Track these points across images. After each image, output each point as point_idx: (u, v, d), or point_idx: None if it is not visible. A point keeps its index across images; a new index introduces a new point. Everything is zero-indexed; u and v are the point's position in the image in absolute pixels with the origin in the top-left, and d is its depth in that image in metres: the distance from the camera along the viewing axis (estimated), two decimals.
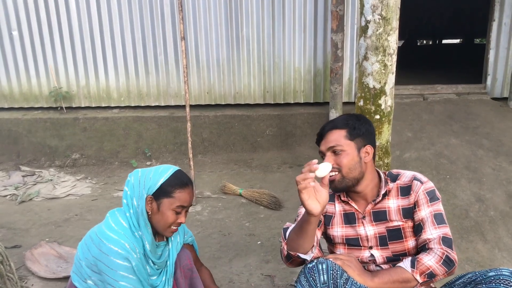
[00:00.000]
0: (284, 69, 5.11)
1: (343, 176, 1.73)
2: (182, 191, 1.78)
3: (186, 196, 1.79)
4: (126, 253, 1.70)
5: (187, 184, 1.80)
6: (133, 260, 1.73)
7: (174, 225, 1.80)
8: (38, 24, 5.18)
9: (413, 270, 1.61)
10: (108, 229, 1.75)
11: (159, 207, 1.77)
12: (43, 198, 4.26)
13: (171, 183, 1.77)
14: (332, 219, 1.87)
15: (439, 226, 1.68)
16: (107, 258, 1.69)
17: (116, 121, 5.13)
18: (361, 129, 1.77)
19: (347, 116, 1.82)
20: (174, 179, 1.79)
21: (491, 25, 4.97)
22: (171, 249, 1.95)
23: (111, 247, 1.69)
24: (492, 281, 1.45)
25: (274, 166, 4.79)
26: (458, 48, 14.23)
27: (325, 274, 1.54)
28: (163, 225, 1.79)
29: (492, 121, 4.45)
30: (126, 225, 1.78)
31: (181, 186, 1.78)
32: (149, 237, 1.80)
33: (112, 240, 1.71)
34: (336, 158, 1.73)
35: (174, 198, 1.76)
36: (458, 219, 3.22)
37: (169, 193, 1.76)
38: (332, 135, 1.76)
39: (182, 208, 1.78)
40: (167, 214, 1.76)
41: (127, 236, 1.74)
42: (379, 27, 2.41)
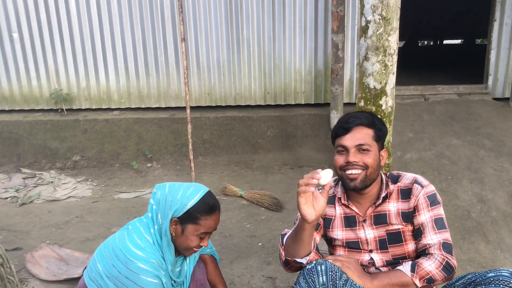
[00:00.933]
0: (284, 70, 5.10)
1: (366, 175, 1.71)
2: (208, 217, 1.73)
3: (212, 223, 1.75)
4: (155, 271, 1.67)
5: (214, 210, 1.75)
6: (162, 277, 1.70)
7: (196, 247, 1.77)
8: (38, 26, 5.18)
9: (412, 274, 1.60)
10: (134, 245, 1.70)
11: (183, 231, 1.73)
12: (44, 200, 4.26)
13: (198, 209, 1.72)
14: (332, 222, 1.85)
15: (440, 231, 1.68)
16: (137, 277, 1.65)
17: (116, 123, 5.12)
18: (384, 131, 1.77)
19: (371, 115, 1.79)
20: (202, 204, 1.73)
21: (492, 25, 4.96)
22: (188, 264, 1.93)
23: (140, 266, 1.65)
24: (492, 282, 1.45)
25: (275, 167, 4.78)
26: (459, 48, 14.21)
27: (324, 276, 1.54)
28: (185, 247, 1.76)
29: (494, 121, 4.44)
30: (151, 241, 1.74)
31: (208, 213, 1.73)
32: (171, 257, 1.76)
33: (140, 259, 1.66)
34: (362, 156, 1.70)
35: (199, 225, 1.72)
36: (460, 220, 3.21)
37: (195, 219, 1.72)
38: (360, 132, 1.71)
39: (206, 234, 1.75)
40: (191, 239, 1.73)
41: (154, 254, 1.71)
42: (380, 27, 2.41)
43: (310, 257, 1.67)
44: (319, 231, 1.86)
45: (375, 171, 1.72)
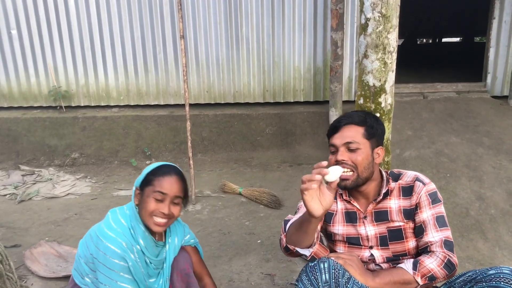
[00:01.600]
0: (283, 67, 5.10)
1: (357, 175, 1.70)
2: (162, 178, 1.77)
3: (165, 184, 1.77)
4: (122, 252, 1.71)
5: (169, 173, 1.80)
6: (130, 260, 1.73)
7: (157, 215, 1.77)
8: (37, 23, 5.17)
9: (414, 272, 1.61)
10: (107, 227, 1.76)
11: (142, 196, 1.79)
12: (43, 197, 4.25)
13: (154, 172, 1.80)
14: (334, 217, 1.85)
15: (441, 229, 1.68)
16: (103, 257, 1.70)
17: (115, 120, 5.12)
18: (377, 129, 1.75)
19: (364, 113, 1.79)
20: (158, 169, 1.82)
21: (491, 23, 4.96)
22: (168, 251, 1.93)
23: (108, 246, 1.70)
24: (493, 279, 1.45)
25: (274, 165, 4.78)
26: (458, 46, 14.22)
27: (327, 273, 1.54)
28: (145, 214, 1.77)
29: (493, 119, 4.44)
30: (125, 224, 1.79)
31: (162, 174, 1.79)
32: (140, 231, 1.80)
33: (110, 239, 1.72)
34: (350, 155, 1.69)
35: (153, 185, 1.76)
36: (458, 217, 3.22)
37: (150, 181, 1.78)
38: (349, 130, 1.71)
39: (161, 194, 1.76)
40: (148, 201, 1.76)
41: (125, 235, 1.75)
42: (379, 24, 2.40)
43: (314, 249, 1.65)
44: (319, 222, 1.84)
45: (367, 170, 1.71)
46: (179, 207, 1.83)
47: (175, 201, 1.80)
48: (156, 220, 1.77)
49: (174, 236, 1.97)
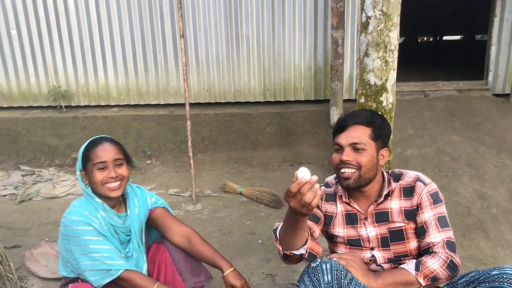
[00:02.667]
0: (284, 66, 5.08)
1: (360, 175, 1.69)
2: (95, 150, 1.86)
3: (100, 152, 1.85)
4: (85, 219, 1.83)
5: (99, 142, 1.88)
6: (94, 223, 1.84)
7: (107, 181, 1.86)
8: (36, 23, 5.15)
9: (417, 273, 1.60)
10: (72, 206, 1.90)
11: (88, 175, 1.88)
12: (43, 198, 4.24)
13: (87, 148, 1.89)
14: (333, 219, 1.84)
15: (443, 230, 1.67)
16: (71, 229, 1.81)
17: (115, 119, 5.10)
18: (384, 130, 1.73)
19: (371, 113, 1.76)
20: (89, 144, 1.90)
21: (493, 20, 4.94)
22: (130, 218, 2.00)
23: (72, 218, 1.83)
24: (496, 280, 1.44)
25: (274, 164, 4.77)
26: (459, 44, 14.19)
27: (329, 274, 1.52)
28: (97, 186, 1.87)
29: (494, 117, 4.42)
30: (85, 200, 1.92)
31: (94, 146, 1.87)
32: (98, 204, 1.89)
33: (73, 213, 1.85)
34: (356, 155, 1.68)
35: (92, 160, 1.86)
36: (460, 216, 3.20)
37: (87, 158, 1.87)
38: (356, 130, 1.69)
39: (102, 163, 1.85)
40: (93, 175, 1.85)
41: (85, 205, 1.88)
42: (380, 23, 2.39)
43: (308, 245, 1.65)
44: (319, 225, 1.84)
45: (370, 171, 1.70)
46: (124, 167, 1.92)
47: (117, 163, 1.89)
48: (109, 186, 1.87)
49: (133, 204, 2.03)
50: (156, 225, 2.11)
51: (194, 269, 2.06)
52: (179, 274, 1.99)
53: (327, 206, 1.87)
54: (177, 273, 1.99)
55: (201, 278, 2.08)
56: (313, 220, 1.84)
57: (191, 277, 2.03)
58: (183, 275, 2.00)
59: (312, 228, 1.82)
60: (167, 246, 2.05)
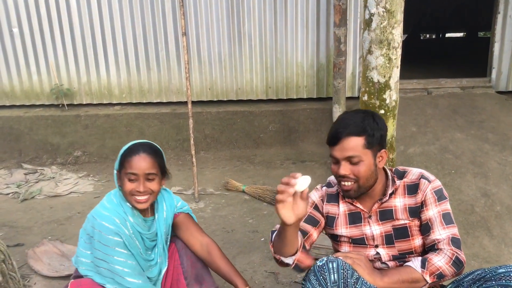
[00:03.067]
0: (286, 64, 5.06)
1: (359, 186, 1.68)
2: (130, 159, 1.82)
3: (134, 163, 1.81)
4: (116, 228, 1.79)
5: (137, 151, 1.83)
6: (124, 235, 1.81)
7: (134, 194, 1.83)
8: (38, 21, 5.15)
9: (423, 270, 1.59)
10: (101, 207, 1.86)
11: (121, 178, 1.85)
12: (45, 196, 4.24)
13: (125, 153, 1.85)
14: (336, 220, 1.83)
15: (448, 227, 1.66)
16: (99, 234, 1.79)
17: (117, 118, 5.10)
18: (378, 134, 1.67)
19: (362, 117, 1.67)
20: (128, 150, 1.86)
21: (496, 17, 4.91)
22: (157, 223, 1.99)
23: (102, 223, 1.79)
24: (502, 278, 1.43)
25: (277, 162, 4.76)
26: (462, 41, 14.15)
27: (336, 273, 1.51)
28: (125, 194, 1.85)
29: (498, 115, 4.40)
30: (116, 201, 1.88)
31: (130, 154, 1.83)
32: (128, 209, 1.87)
33: (103, 217, 1.81)
34: (353, 167, 1.65)
35: (125, 167, 1.83)
36: (463, 214, 3.19)
37: (123, 163, 1.85)
38: (349, 142, 1.63)
39: (133, 175, 1.81)
40: (124, 183, 1.83)
41: (117, 211, 1.84)
42: (384, 20, 2.37)
43: (297, 257, 1.63)
44: (317, 228, 1.84)
45: (370, 179, 1.68)
46: (155, 182, 1.87)
47: (149, 177, 1.84)
48: (136, 198, 1.84)
49: (161, 209, 2.02)
50: (178, 230, 2.09)
51: (198, 276, 2.04)
52: (184, 278, 1.99)
53: (329, 208, 1.86)
54: (182, 276, 1.98)
55: (203, 287, 2.07)
56: (310, 223, 1.84)
57: (194, 283, 2.01)
58: (187, 280, 1.99)
59: (309, 232, 1.82)
60: (177, 247, 2.04)
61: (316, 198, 1.90)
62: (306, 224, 1.85)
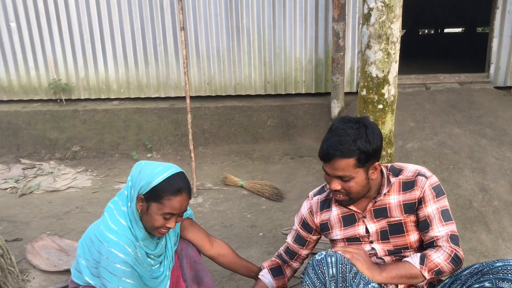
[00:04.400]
0: (285, 59, 5.06)
1: (351, 198, 1.70)
2: (172, 198, 1.70)
3: (176, 204, 1.70)
4: (125, 257, 1.68)
5: (179, 191, 1.71)
6: (134, 263, 1.71)
7: (164, 228, 1.75)
8: (36, 15, 5.12)
9: (421, 266, 1.60)
10: (106, 229, 1.72)
11: (148, 208, 1.72)
12: (44, 191, 4.24)
13: (163, 188, 1.70)
14: (329, 224, 1.85)
15: (447, 223, 1.67)
16: (106, 261, 1.67)
17: (116, 113, 5.09)
18: (371, 150, 1.61)
19: (354, 136, 1.60)
20: (167, 184, 1.70)
21: (495, 13, 4.90)
22: (167, 237, 1.93)
23: (111, 250, 1.67)
24: (500, 271, 1.44)
25: (275, 157, 4.76)
26: (461, 37, 14.13)
27: (334, 268, 1.52)
28: (151, 227, 1.75)
29: (496, 110, 4.41)
30: (124, 224, 1.75)
31: (172, 193, 1.70)
32: (140, 234, 1.77)
33: (112, 242, 1.68)
34: (344, 184, 1.65)
35: (163, 205, 1.69)
36: (461, 209, 3.19)
37: (158, 198, 1.69)
38: (339, 163, 1.61)
39: (171, 215, 1.72)
40: (155, 218, 1.71)
41: (127, 236, 1.72)
42: (382, 14, 2.37)
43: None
44: (305, 247, 1.96)
45: (362, 191, 1.69)
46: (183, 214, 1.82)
47: (181, 215, 1.79)
48: (162, 231, 1.77)
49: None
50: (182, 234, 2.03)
51: (196, 277, 2.03)
52: (184, 280, 1.97)
53: (322, 216, 1.88)
54: (181, 279, 1.96)
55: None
56: (298, 243, 1.97)
57: (192, 284, 2.00)
58: (187, 282, 1.97)
59: (297, 252, 1.97)
60: (176, 250, 2.00)
61: (305, 212, 1.93)
62: (295, 244, 1.98)
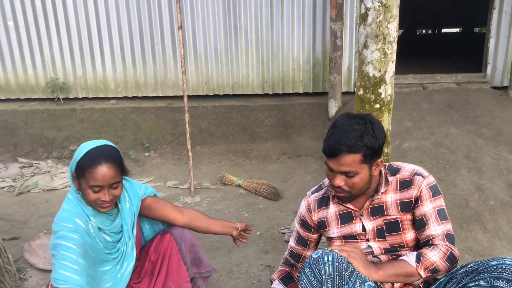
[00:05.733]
0: (282, 59, 5.06)
1: (352, 195, 1.71)
2: (92, 170, 1.71)
3: (97, 176, 1.71)
4: (74, 226, 1.75)
5: (98, 162, 1.72)
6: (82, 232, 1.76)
7: (100, 203, 1.77)
8: (33, 14, 5.11)
9: (417, 265, 1.61)
10: (61, 210, 1.81)
11: (80, 185, 1.77)
12: (41, 190, 4.24)
13: (84, 161, 1.73)
14: (326, 222, 1.86)
15: (443, 222, 1.68)
16: (56, 235, 1.73)
17: (113, 112, 5.09)
18: (377, 143, 1.63)
19: (361, 132, 1.60)
20: (87, 157, 1.73)
21: (492, 13, 4.92)
22: (122, 212, 1.93)
23: (61, 224, 1.75)
24: (495, 270, 1.45)
25: (273, 156, 4.77)
26: (458, 37, 14.17)
27: (331, 266, 1.53)
28: (88, 202, 1.79)
29: (492, 110, 4.43)
30: (75, 203, 1.81)
31: (92, 165, 1.71)
32: (88, 210, 1.81)
33: (62, 218, 1.77)
34: (347, 179, 1.65)
35: (87, 178, 1.72)
36: (458, 208, 3.21)
37: (82, 172, 1.73)
38: (346, 159, 1.60)
39: (99, 187, 1.73)
40: (86, 193, 1.75)
41: (78, 212, 1.79)
42: (379, 14, 2.38)
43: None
44: (308, 248, 1.96)
45: (364, 188, 1.70)
46: (119, 187, 1.81)
47: (113, 186, 1.77)
48: (101, 205, 1.78)
49: (124, 200, 1.96)
50: (151, 211, 2.06)
51: (195, 259, 2.08)
52: (184, 263, 2.00)
53: (320, 213, 1.89)
54: (182, 262, 1.99)
55: (201, 270, 2.10)
56: (301, 244, 1.98)
57: (192, 267, 2.06)
58: (187, 265, 2.01)
59: (302, 254, 1.98)
60: (174, 235, 2.02)
61: (303, 210, 1.95)
62: (298, 246, 1.99)
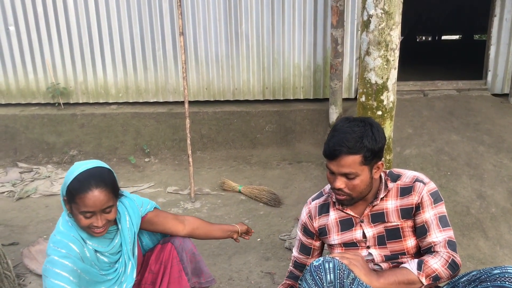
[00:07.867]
0: (283, 65, 5.07)
1: (352, 198, 1.70)
2: (82, 196, 1.63)
3: (88, 202, 1.63)
4: (68, 252, 1.66)
5: (88, 188, 1.63)
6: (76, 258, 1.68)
7: (92, 228, 1.69)
8: (35, 19, 5.13)
9: (419, 272, 1.59)
10: (56, 232, 1.72)
11: (71, 209, 1.69)
12: (41, 195, 4.23)
13: (73, 186, 1.65)
14: (327, 228, 1.86)
15: (444, 229, 1.67)
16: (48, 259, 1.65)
17: (114, 117, 5.09)
18: (377, 145, 1.64)
19: (361, 133, 1.62)
20: (76, 182, 1.64)
21: (492, 20, 4.93)
22: (121, 232, 1.87)
23: (55, 248, 1.67)
24: (497, 279, 1.43)
25: (273, 162, 4.76)
26: (458, 44, 14.21)
27: (332, 274, 1.51)
28: (81, 227, 1.71)
29: (493, 117, 4.42)
30: (71, 225, 1.73)
31: (82, 191, 1.63)
32: (84, 234, 1.74)
33: (57, 241, 1.68)
34: (348, 181, 1.65)
35: (77, 204, 1.64)
36: (459, 216, 3.20)
37: (73, 198, 1.65)
38: (346, 160, 1.61)
39: (90, 213, 1.65)
40: (78, 218, 1.67)
41: (73, 236, 1.71)
42: (382, 21, 2.38)
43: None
44: (311, 256, 1.96)
45: (365, 191, 1.69)
46: (113, 211, 1.73)
47: (106, 210, 1.69)
48: (94, 231, 1.70)
49: (124, 218, 1.88)
50: (154, 226, 2.02)
51: (196, 269, 2.06)
52: (185, 273, 1.98)
53: (321, 220, 1.88)
54: (183, 272, 1.97)
55: (201, 280, 2.09)
56: (305, 253, 1.98)
57: (192, 277, 2.04)
58: (188, 275, 1.99)
59: (305, 263, 1.97)
60: (175, 244, 1.99)
61: (305, 217, 1.95)
62: (301, 255, 1.99)
